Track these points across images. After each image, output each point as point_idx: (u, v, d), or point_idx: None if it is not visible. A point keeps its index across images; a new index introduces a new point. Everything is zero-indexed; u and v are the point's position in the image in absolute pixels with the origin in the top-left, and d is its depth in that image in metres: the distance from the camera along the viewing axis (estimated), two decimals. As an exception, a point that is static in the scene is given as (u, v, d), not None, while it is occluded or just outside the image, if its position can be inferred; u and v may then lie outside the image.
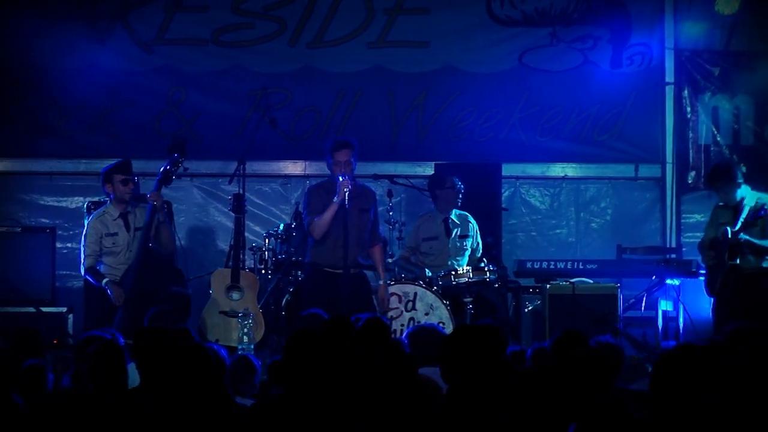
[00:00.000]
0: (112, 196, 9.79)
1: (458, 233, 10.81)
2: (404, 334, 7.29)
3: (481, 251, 10.89)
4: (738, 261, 9.70)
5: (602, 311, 10.65)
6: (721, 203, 10.05)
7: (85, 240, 9.78)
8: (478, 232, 10.96)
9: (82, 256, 9.76)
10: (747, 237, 9.68)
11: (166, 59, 12.17)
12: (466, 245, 10.84)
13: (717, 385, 4.11)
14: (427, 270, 10.48)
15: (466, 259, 10.74)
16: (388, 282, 9.94)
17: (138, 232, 9.67)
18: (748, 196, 9.87)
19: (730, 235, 9.70)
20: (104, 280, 9.54)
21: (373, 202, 9.77)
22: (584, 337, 6.06)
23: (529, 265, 11.48)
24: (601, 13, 12.32)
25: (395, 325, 9.72)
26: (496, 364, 5.11)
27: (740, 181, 9.90)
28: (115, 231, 9.69)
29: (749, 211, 9.76)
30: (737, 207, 9.85)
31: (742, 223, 9.68)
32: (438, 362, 5.56)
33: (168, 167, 9.75)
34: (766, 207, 9.68)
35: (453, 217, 10.82)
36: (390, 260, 10.59)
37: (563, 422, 4.66)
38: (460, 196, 10.84)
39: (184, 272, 9.98)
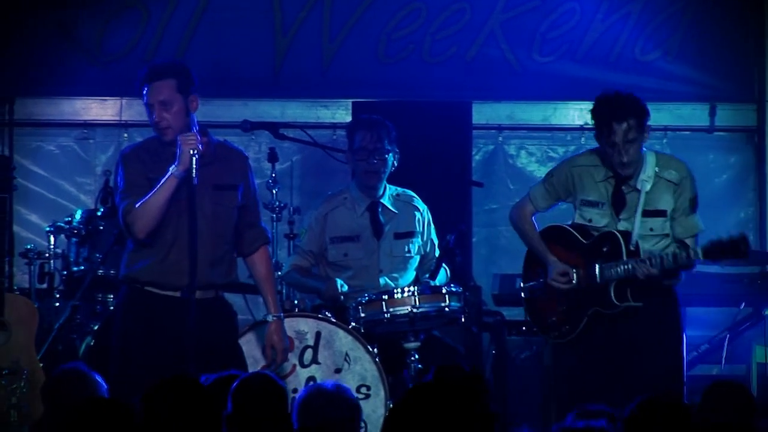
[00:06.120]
0: None
1: (394, 229, 8.58)
2: (295, 404, 5.73)
3: (436, 257, 8.77)
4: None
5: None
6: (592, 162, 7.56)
7: None
8: (431, 223, 8.85)
9: None
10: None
11: None
12: (409, 249, 8.73)
13: None
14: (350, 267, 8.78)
15: (412, 273, 8.68)
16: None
17: None
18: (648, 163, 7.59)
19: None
20: None
21: (244, 173, 7.79)
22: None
23: (519, 282, 8.64)
24: None
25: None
26: None
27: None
28: None
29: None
30: (623, 180, 7.45)
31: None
32: None
33: None
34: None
35: (385, 201, 8.52)
36: (277, 274, 8.51)
37: None
38: (394, 158, 8.49)
39: None
